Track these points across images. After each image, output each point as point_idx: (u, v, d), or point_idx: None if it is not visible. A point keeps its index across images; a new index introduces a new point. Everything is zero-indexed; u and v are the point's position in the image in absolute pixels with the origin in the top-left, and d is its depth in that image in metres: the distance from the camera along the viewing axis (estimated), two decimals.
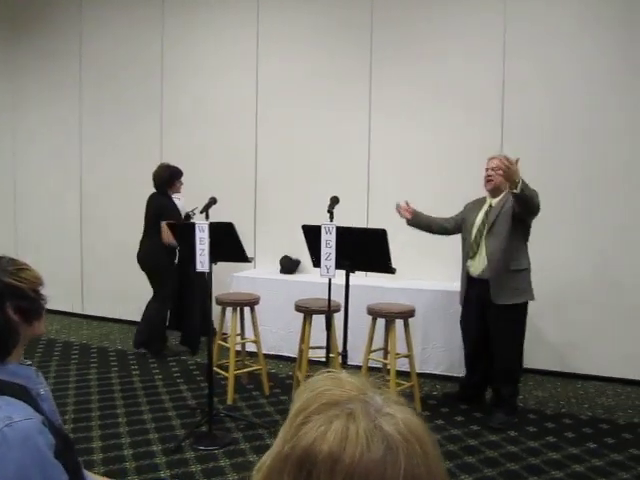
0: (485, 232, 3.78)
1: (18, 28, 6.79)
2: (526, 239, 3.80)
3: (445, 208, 5.01)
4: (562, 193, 4.67)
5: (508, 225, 3.69)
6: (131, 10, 6.20)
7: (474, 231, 3.86)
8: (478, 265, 3.82)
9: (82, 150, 6.53)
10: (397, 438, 0.61)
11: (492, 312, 3.74)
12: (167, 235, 4.61)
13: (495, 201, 3.84)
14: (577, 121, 4.65)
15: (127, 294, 6.24)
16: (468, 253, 3.89)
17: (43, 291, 1.43)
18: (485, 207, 3.88)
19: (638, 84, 4.47)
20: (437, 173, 5.06)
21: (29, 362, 1.45)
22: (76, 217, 6.60)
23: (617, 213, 4.57)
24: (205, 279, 4.41)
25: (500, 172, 3.59)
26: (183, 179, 5.07)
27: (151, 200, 5.01)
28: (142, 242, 5.05)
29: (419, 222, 4.14)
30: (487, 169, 3.86)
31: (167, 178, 4.95)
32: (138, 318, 6.13)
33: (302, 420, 0.64)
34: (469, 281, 3.92)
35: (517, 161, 3.35)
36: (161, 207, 4.92)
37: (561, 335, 4.75)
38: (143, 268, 5.04)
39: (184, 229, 3.76)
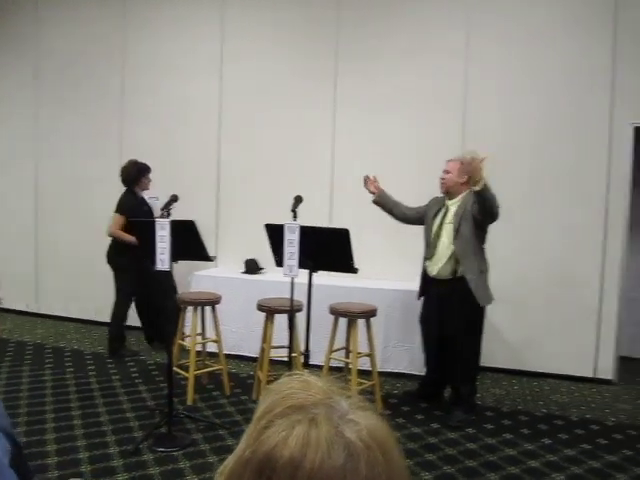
0: (452, 236, 3.80)
1: None
2: (484, 242, 3.87)
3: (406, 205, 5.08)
4: (517, 194, 4.79)
5: (470, 228, 3.75)
6: (92, 2, 6.04)
7: (432, 231, 3.91)
8: (434, 266, 3.87)
9: (38, 145, 6.34)
10: (359, 445, 0.60)
11: (451, 312, 3.80)
12: (114, 230, 4.76)
13: (452, 203, 3.89)
14: (531, 122, 4.76)
15: (83, 293, 6.09)
16: (426, 253, 3.94)
17: None
18: (443, 209, 3.94)
19: (588, 88, 4.61)
20: (400, 172, 5.10)
21: None
22: (31, 214, 6.40)
23: (567, 213, 4.70)
24: (165, 277, 4.38)
25: (448, 176, 3.82)
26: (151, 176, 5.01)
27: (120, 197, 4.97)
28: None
29: (384, 202, 4.17)
30: (443, 171, 3.94)
31: (134, 174, 4.89)
32: (95, 317, 6.01)
33: (265, 424, 0.63)
34: (428, 280, 3.97)
35: (482, 160, 3.39)
36: (119, 202, 4.87)
37: (517, 334, 4.86)
38: (108, 264, 4.97)
39: (145, 226, 3.68)
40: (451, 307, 3.79)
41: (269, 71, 5.46)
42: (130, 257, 4.71)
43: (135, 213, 4.68)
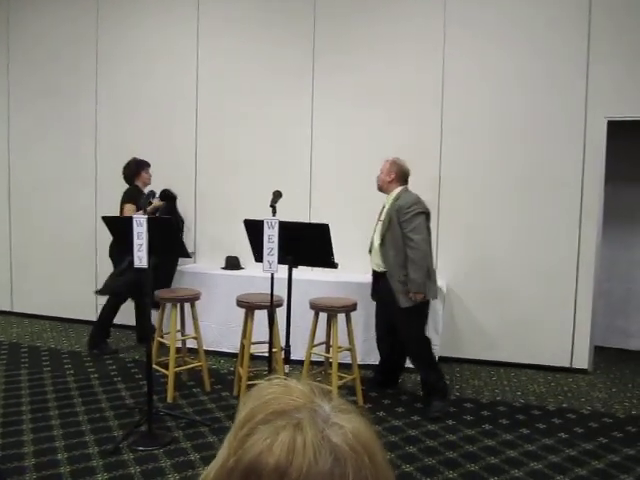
0: (380, 233, 3.97)
1: None
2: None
3: (380, 202, 5.10)
4: (493, 187, 4.84)
5: (396, 228, 3.86)
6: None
7: (374, 226, 4.12)
8: (372, 260, 4.11)
9: (10, 142, 6.20)
10: (345, 449, 0.59)
11: (387, 302, 3.96)
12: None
13: (387, 200, 4.06)
14: (508, 116, 4.81)
15: (60, 291, 6.00)
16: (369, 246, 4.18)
17: None
18: (383, 206, 4.11)
19: (564, 84, 4.67)
20: (376, 163, 5.10)
21: None
22: (4, 211, 6.27)
23: (542, 206, 4.76)
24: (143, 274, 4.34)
25: (379, 175, 4.08)
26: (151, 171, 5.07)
27: None
28: None
29: None
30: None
31: (133, 169, 4.96)
32: (72, 315, 5.93)
33: (247, 431, 0.62)
34: (373, 274, 4.18)
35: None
36: (128, 193, 4.90)
37: (495, 326, 4.92)
38: (109, 257, 5.01)
39: (121, 222, 3.62)
40: (387, 297, 3.91)
41: (246, 67, 5.41)
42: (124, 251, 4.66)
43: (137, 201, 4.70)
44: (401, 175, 4.02)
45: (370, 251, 4.15)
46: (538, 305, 4.81)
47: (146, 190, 4.88)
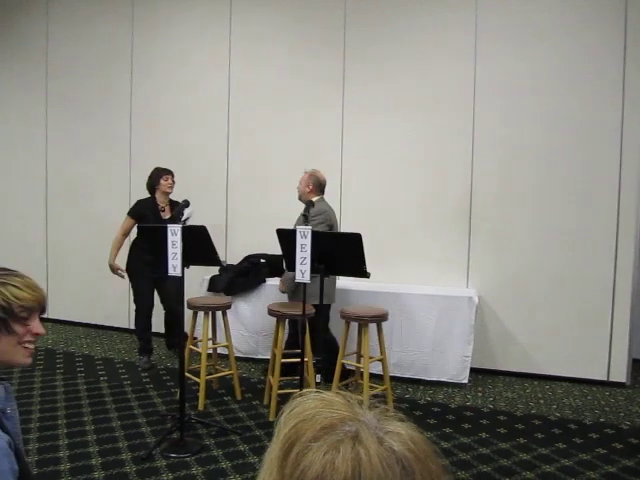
0: None
1: None
2: None
3: (414, 207, 5.09)
4: (527, 196, 4.77)
5: None
6: (100, 9, 6.07)
7: None
8: None
9: (47, 148, 6.36)
10: (410, 457, 0.58)
11: None
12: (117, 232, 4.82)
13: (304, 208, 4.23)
14: (541, 124, 4.73)
15: (93, 298, 6.11)
16: None
17: (27, 316, 1.31)
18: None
19: (599, 91, 4.58)
20: (408, 173, 5.09)
21: (7, 383, 1.35)
22: (42, 221, 6.43)
23: (579, 216, 4.67)
24: (173, 282, 4.39)
25: (297, 186, 4.42)
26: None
27: None
28: None
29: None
30: None
31: (154, 178, 4.84)
32: (105, 322, 6.04)
33: (300, 450, 0.59)
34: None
35: None
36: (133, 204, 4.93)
37: (529, 337, 4.83)
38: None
39: (155, 232, 3.67)
40: None
41: (277, 73, 5.45)
42: (144, 263, 4.68)
43: (142, 217, 4.70)
44: (317, 185, 4.42)
45: None
46: (573, 317, 4.71)
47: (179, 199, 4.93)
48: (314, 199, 4.21)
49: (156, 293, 4.95)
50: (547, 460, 3.31)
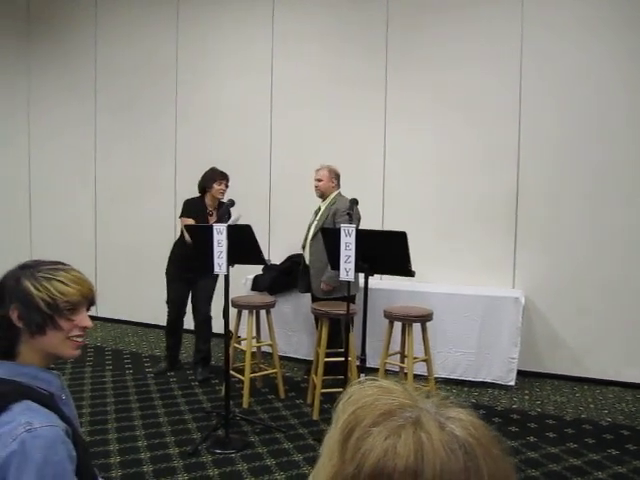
0: (312, 232, 4.42)
1: (34, 28, 6.82)
2: None
3: (459, 206, 5.02)
4: (576, 194, 4.64)
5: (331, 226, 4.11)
6: (146, 10, 6.22)
7: (308, 225, 4.57)
8: (306, 255, 4.50)
9: (97, 150, 6.56)
10: (473, 442, 0.57)
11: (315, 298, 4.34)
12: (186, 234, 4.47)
13: (323, 203, 4.50)
14: (589, 121, 4.59)
15: (141, 296, 6.24)
16: (303, 243, 4.57)
17: (73, 311, 1.31)
18: (317, 209, 4.56)
19: None
20: (452, 172, 5.03)
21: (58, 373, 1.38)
22: (91, 217, 6.62)
23: (629, 214, 4.51)
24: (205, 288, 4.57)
25: (321, 183, 4.44)
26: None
27: None
28: None
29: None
30: (314, 179, 4.51)
31: (207, 179, 4.62)
32: (152, 321, 6.16)
33: (360, 435, 0.59)
34: (305, 267, 4.51)
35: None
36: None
37: (578, 340, 4.69)
38: None
39: (200, 231, 3.72)
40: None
41: (320, 75, 5.47)
42: (176, 266, 4.66)
43: (193, 216, 4.57)
44: (338, 179, 4.52)
45: (303, 247, 4.57)
46: (624, 320, 4.54)
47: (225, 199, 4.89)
48: (334, 194, 4.44)
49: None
50: (599, 466, 3.21)
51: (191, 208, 4.63)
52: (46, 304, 1.27)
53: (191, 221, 4.38)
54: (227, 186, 4.65)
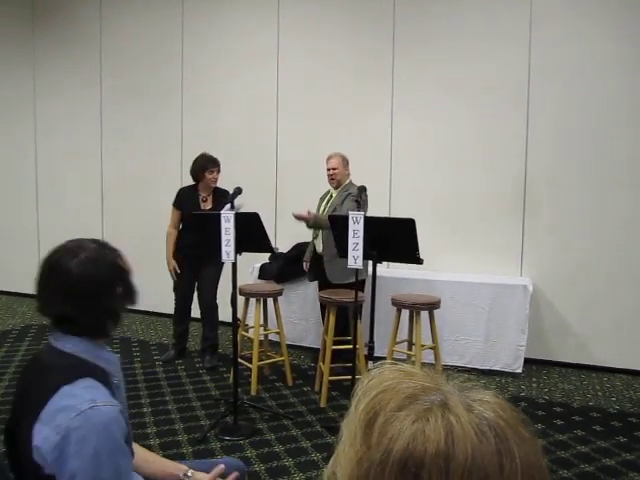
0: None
1: (38, 17, 6.81)
2: None
3: (466, 194, 4.99)
4: (582, 182, 4.61)
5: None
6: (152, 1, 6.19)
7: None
8: (319, 244, 4.41)
9: (102, 138, 6.55)
10: (503, 425, 0.56)
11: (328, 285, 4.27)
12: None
13: (335, 191, 4.43)
14: (595, 107, 4.55)
15: (149, 284, 6.24)
16: (313, 232, 4.51)
17: None
18: (328, 195, 4.52)
19: None
20: (460, 159, 5.00)
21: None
22: (97, 206, 6.63)
23: (636, 203, 4.49)
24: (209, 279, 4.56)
25: (336, 171, 4.36)
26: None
27: None
28: None
29: (319, 223, 4.27)
30: (328, 169, 4.42)
31: (197, 168, 4.58)
32: (158, 310, 6.18)
33: (385, 420, 0.57)
34: (315, 255, 4.46)
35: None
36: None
37: (585, 328, 4.68)
38: None
39: (207, 219, 3.72)
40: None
41: (326, 66, 5.42)
42: (182, 254, 4.64)
43: (182, 207, 4.60)
44: (348, 167, 4.46)
45: (315, 237, 4.51)
46: (633, 308, 4.53)
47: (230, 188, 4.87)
48: (348, 181, 4.40)
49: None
50: (607, 453, 3.21)
51: (182, 197, 4.67)
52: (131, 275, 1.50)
53: (176, 213, 4.69)
54: (219, 171, 4.64)
